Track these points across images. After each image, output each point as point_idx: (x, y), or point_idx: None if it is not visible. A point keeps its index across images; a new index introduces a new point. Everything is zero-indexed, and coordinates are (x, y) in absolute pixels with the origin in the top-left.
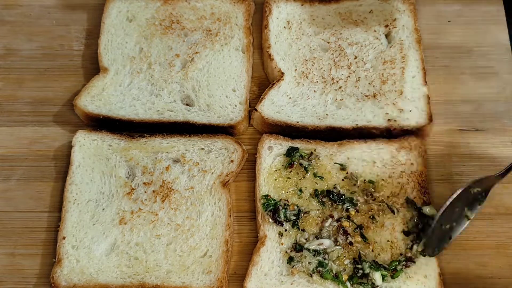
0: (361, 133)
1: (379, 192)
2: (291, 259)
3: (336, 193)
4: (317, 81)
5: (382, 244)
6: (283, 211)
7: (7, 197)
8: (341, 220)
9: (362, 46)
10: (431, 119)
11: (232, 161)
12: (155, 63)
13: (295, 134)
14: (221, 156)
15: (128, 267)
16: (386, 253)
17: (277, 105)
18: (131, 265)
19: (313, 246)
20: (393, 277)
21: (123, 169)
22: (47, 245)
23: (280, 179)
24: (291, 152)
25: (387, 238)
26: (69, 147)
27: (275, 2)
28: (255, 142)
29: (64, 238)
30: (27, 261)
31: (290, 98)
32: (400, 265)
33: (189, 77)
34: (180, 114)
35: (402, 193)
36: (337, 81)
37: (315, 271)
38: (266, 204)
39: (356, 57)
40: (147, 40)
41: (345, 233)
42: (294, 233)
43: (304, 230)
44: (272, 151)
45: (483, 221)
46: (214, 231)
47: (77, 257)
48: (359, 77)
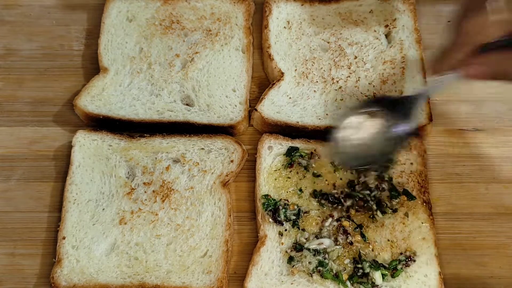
0: None
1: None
2: (291, 259)
3: (334, 194)
4: (317, 81)
5: (382, 243)
6: (283, 210)
7: (7, 197)
8: (341, 219)
9: (362, 46)
10: (431, 119)
11: (232, 161)
12: (155, 63)
13: (295, 134)
14: (221, 156)
15: (128, 267)
16: (386, 252)
17: (277, 105)
18: (131, 265)
19: (313, 245)
20: (393, 277)
21: (123, 169)
22: (47, 245)
23: (280, 179)
24: (291, 152)
25: (387, 237)
26: (69, 147)
27: (275, 2)
28: (255, 142)
29: (64, 238)
30: (27, 261)
31: (290, 98)
32: (400, 265)
33: (189, 77)
34: (180, 114)
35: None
36: (337, 81)
37: (315, 270)
38: (266, 204)
39: (356, 57)
40: (147, 40)
41: (345, 232)
42: (294, 232)
43: (304, 229)
44: (272, 151)
45: (483, 221)
46: (214, 231)
47: (77, 257)
48: (359, 77)
